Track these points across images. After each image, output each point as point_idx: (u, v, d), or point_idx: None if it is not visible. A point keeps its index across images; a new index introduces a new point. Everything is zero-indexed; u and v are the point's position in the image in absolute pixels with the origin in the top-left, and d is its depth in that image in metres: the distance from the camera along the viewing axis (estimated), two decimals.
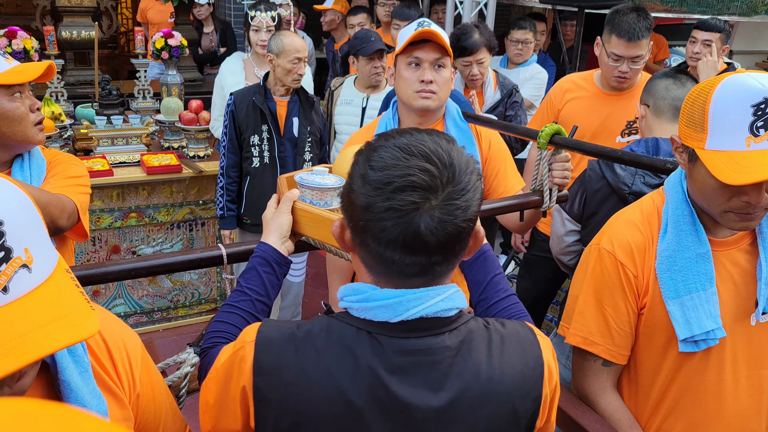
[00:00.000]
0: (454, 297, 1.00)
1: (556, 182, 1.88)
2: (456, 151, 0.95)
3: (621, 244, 1.41)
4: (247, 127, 3.05)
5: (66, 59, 4.73)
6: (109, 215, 3.56)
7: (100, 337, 0.99)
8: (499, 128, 2.07)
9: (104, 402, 0.91)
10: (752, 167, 1.16)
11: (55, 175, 1.80)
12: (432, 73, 1.95)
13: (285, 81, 3.01)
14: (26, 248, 0.74)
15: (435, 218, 0.90)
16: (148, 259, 1.53)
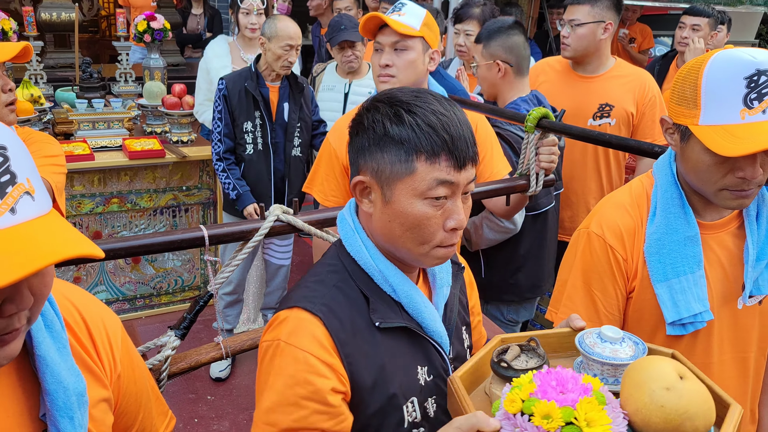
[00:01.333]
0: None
1: (543, 166, 1.87)
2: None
3: (610, 227, 1.40)
4: (240, 114, 3.00)
5: (45, 41, 4.65)
6: (90, 200, 3.50)
7: (80, 317, 0.96)
8: (486, 112, 2.05)
9: (83, 380, 0.88)
10: (747, 138, 1.15)
11: (33, 153, 1.75)
12: (390, 57, 1.94)
13: (274, 66, 2.96)
14: (27, 178, 0.74)
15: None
16: (127, 240, 1.50)
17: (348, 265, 1.11)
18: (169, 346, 1.59)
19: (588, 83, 2.69)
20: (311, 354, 1.00)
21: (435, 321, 1.12)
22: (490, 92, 2.46)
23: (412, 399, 1.09)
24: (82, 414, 0.86)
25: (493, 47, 2.37)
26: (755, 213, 1.38)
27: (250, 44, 3.40)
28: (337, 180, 2.17)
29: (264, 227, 1.58)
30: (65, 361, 0.87)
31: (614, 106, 2.62)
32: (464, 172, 1.02)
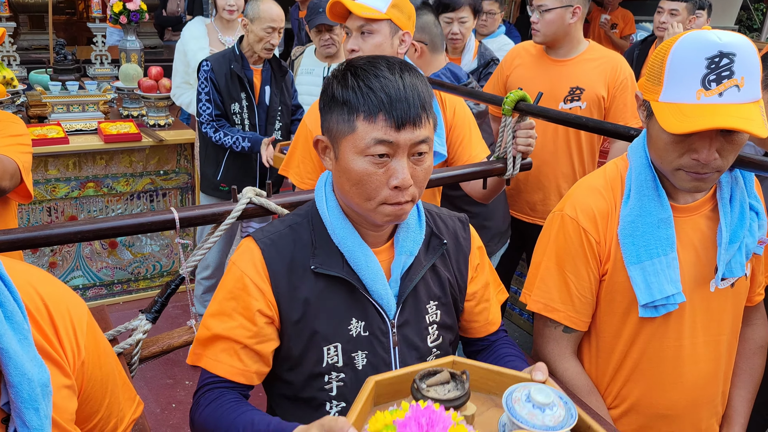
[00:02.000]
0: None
1: (520, 149, 1.85)
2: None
3: (584, 210, 1.40)
4: (227, 95, 2.97)
5: (19, 23, 4.55)
6: (65, 185, 3.44)
7: (43, 304, 0.94)
8: (464, 95, 2.03)
9: (46, 370, 0.86)
10: (694, 117, 1.14)
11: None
12: (357, 41, 1.92)
13: (256, 48, 2.92)
14: None
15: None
16: (96, 222, 1.46)
17: (312, 213, 1.23)
18: (140, 330, 1.57)
19: (559, 67, 2.68)
20: (247, 275, 1.16)
21: (377, 281, 1.18)
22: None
23: (336, 344, 1.18)
24: (47, 404, 0.84)
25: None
26: (728, 196, 1.38)
27: (228, 26, 3.35)
28: (314, 163, 2.15)
29: (236, 210, 1.55)
30: (27, 353, 0.85)
31: (585, 89, 2.61)
32: (404, 132, 1.06)
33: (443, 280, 1.28)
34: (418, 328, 1.24)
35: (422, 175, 1.12)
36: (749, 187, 1.40)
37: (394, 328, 1.20)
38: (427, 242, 1.26)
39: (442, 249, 1.27)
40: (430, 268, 1.26)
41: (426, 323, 1.25)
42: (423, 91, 1.10)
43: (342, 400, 1.20)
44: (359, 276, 1.18)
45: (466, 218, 1.38)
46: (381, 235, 1.23)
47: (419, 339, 1.23)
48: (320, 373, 1.18)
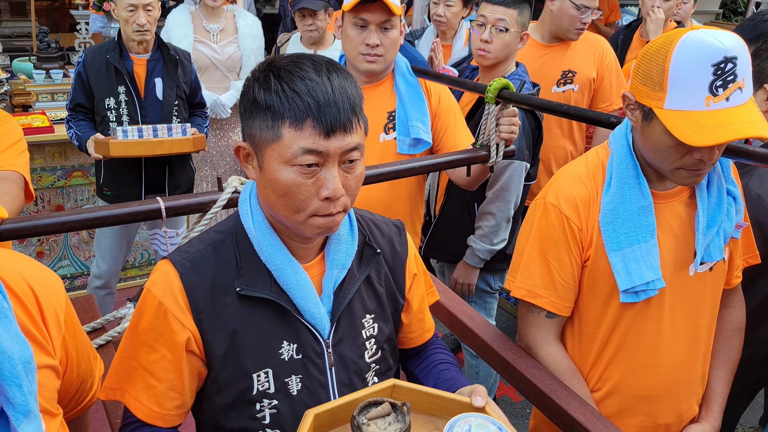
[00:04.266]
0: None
1: (503, 137, 1.88)
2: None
3: (566, 197, 1.42)
4: (101, 90, 2.71)
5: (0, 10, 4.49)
6: (50, 174, 3.43)
7: (27, 286, 0.95)
8: (448, 83, 2.05)
9: (28, 347, 0.88)
10: (714, 128, 1.17)
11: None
12: (378, 36, 1.92)
13: (127, 33, 2.70)
14: None
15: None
16: (82, 213, 1.47)
17: (236, 229, 1.12)
18: (128, 318, 1.58)
19: (551, 50, 2.73)
20: (165, 305, 1.06)
21: (308, 300, 1.09)
22: (502, 58, 2.35)
23: (267, 370, 1.09)
24: (30, 381, 0.86)
25: (525, 17, 2.35)
26: (706, 182, 1.41)
27: (212, 13, 3.33)
28: None
29: (222, 199, 1.56)
30: (8, 331, 0.86)
31: (576, 72, 2.67)
32: (334, 139, 0.97)
33: (378, 292, 1.20)
34: (355, 344, 1.16)
35: (354, 184, 1.04)
36: (726, 173, 1.44)
37: (329, 348, 1.12)
38: (360, 253, 1.18)
39: (376, 259, 1.19)
40: (365, 280, 1.18)
41: (362, 338, 1.17)
42: (353, 94, 1.01)
43: (277, 428, 1.11)
44: (289, 295, 1.09)
45: (402, 224, 1.30)
46: (311, 248, 1.14)
47: (357, 356, 1.16)
48: (251, 401, 1.10)
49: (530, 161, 2.37)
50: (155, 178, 2.86)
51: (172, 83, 2.80)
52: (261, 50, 3.47)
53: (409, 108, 2.02)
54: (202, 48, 3.30)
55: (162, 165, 2.85)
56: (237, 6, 3.53)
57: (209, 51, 3.32)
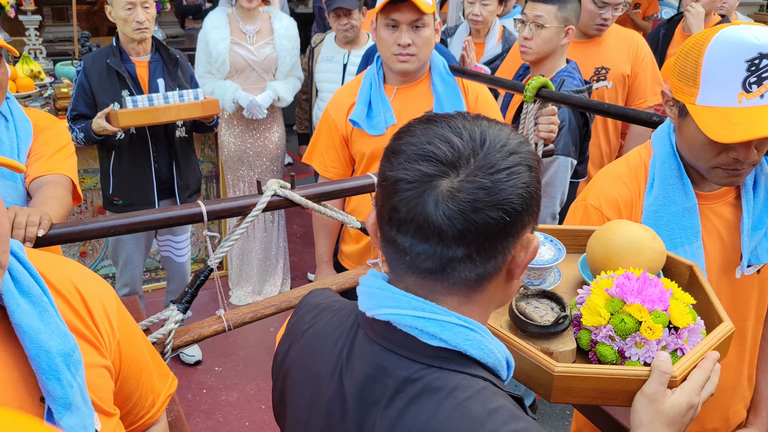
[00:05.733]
0: (449, 327, 0.77)
1: (542, 136, 1.86)
2: (496, 130, 0.78)
3: (607, 199, 1.40)
4: (104, 95, 2.67)
5: (44, 15, 4.60)
6: (93, 176, 3.51)
7: (76, 291, 0.99)
8: (485, 82, 2.04)
9: (69, 340, 0.90)
10: (743, 125, 1.14)
11: (46, 144, 1.76)
12: (410, 35, 1.93)
13: (126, 33, 2.67)
14: None
15: (455, 198, 0.72)
16: (127, 217, 1.51)
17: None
18: (171, 320, 1.61)
19: (584, 47, 2.69)
20: None
21: None
22: (544, 55, 2.38)
23: None
24: (72, 374, 0.88)
25: (569, 12, 2.34)
26: (752, 182, 1.37)
27: (248, 15, 3.36)
28: (337, 151, 2.17)
29: (261, 202, 1.58)
30: (47, 325, 0.89)
31: (610, 68, 2.64)
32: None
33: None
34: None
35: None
36: None
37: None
38: None
39: None
40: None
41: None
42: None
43: None
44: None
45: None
46: None
47: None
48: None
49: (577, 158, 2.34)
50: (165, 180, 2.88)
51: (173, 83, 2.82)
52: (296, 51, 3.49)
53: (446, 107, 2.02)
54: (239, 50, 3.34)
55: (170, 166, 2.87)
56: (272, 7, 3.55)
57: (245, 52, 3.35)
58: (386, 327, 0.80)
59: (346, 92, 2.15)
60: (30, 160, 1.75)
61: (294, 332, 0.95)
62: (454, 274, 0.76)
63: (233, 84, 3.37)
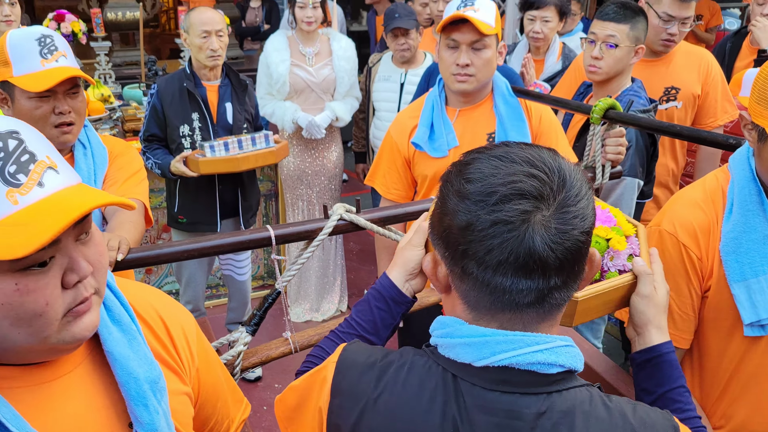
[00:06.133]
0: (560, 352, 0.81)
1: (609, 158, 1.82)
2: (561, 158, 0.82)
3: (683, 225, 1.36)
4: (175, 117, 2.79)
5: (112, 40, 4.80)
6: (158, 195, 3.62)
7: (159, 318, 1.02)
8: (550, 103, 2.01)
9: (156, 368, 0.93)
10: None
11: (120, 169, 1.83)
12: (469, 56, 1.93)
13: (201, 60, 2.78)
14: (47, 155, 0.80)
15: (551, 230, 0.76)
16: (199, 242, 1.55)
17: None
18: (241, 342, 1.64)
19: (652, 66, 2.62)
20: None
21: None
22: (613, 74, 2.35)
23: None
24: (157, 400, 0.91)
25: (639, 30, 2.31)
26: None
27: (308, 38, 3.43)
28: (399, 173, 2.18)
29: (327, 226, 1.60)
30: (136, 352, 0.92)
31: (680, 88, 2.55)
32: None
33: None
34: None
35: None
36: None
37: None
38: None
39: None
40: None
41: None
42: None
43: None
44: None
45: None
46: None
47: None
48: None
49: (643, 178, 2.30)
50: (229, 201, 2.96)
51: (240, 107, 2.90)
52: (354, 71, 3.54)
53: (509, 129, 2.00)
54: (298, 71, 3.40)
55: (234, 188, 2.94)
56: (331, 29, 3.61)
57: (305, 74, 3.41)
58: (505, 371, 0.81)
59: (409, 114, 2.16)
60: (105, 185, 1.82)
61: (359, 398, 0.89)
62: (550, 302, 0.80)
63: (293, 105, 3.43)
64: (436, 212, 0.85)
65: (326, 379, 0.93)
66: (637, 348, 1.11)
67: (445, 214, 0.81)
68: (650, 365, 1.09)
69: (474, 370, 0.82)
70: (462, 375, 0.83)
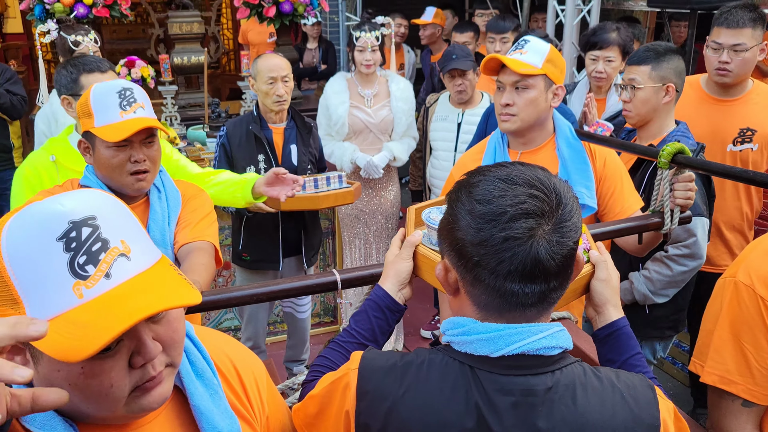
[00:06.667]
0: (558, 336, 0.98)
1: (678, 203, 1.79)
2: (553, 177, 0.98)
3: (760, 276, 1.32)
4: (242, 158, 2.88)
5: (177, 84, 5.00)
6: (221, 233, 3.71)
7: (232, 366, 1.04)
8: (616, 147, 2.00)
9: (236, 421, 0.95)
10: None
11: (193, 212, 1.90)
12: (511, 96, 1.96)
13: (267, 104, 2.86)
14: (122, 240, 0.78)
15: (552, 242, 0.92)
16: (268, 286, 1.59)
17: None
18: None
19: (727, 107, 2.55)
20: None
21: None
22: (646, 116, 2.35)
23: None
24: None
25: (665, 70, 2.30)
26: None
27: (367, 80, 3.50)
28: None
29: None
30: (218, 406, 0.94)
31: (756, 130, 2.47)
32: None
33: None
34: None
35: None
36: None
37: None
38: None
39: None
40: None
41: None
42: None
43: None
44: None
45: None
46: None
47: None
48: None
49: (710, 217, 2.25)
50: (292, 239, 3.00)
51: (305, 149, 2.97)
52: (412, 112, 3.59)
53: (572, 172, 1.99)
54: (357, 113, 3.47)
55: (297, 227, 2.99)
56: (389, 71, 3.68)
57: (363, 115, 3.48)
58: (518, 358, 0.96)
59: (472, 157, 2.17)
60: (178, 228, 1.88)
61: (386, 397, 1.00)
62: (549, 301, 0.98)
63: (351, 145, 3.50)
64: (447, 227, 0.99)
65: (349, 385, 1.03)
66: (598, 325, 1.24)
67: (458, 230, 0.96)
68: (611, 339, 1.22)
69: (491, 360, 0.96)
70: (479, 366, 0.97)
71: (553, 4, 4.69)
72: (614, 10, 7.03)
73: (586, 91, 3.23)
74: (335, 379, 1.07)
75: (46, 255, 0.73)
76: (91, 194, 0.81)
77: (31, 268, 0.73)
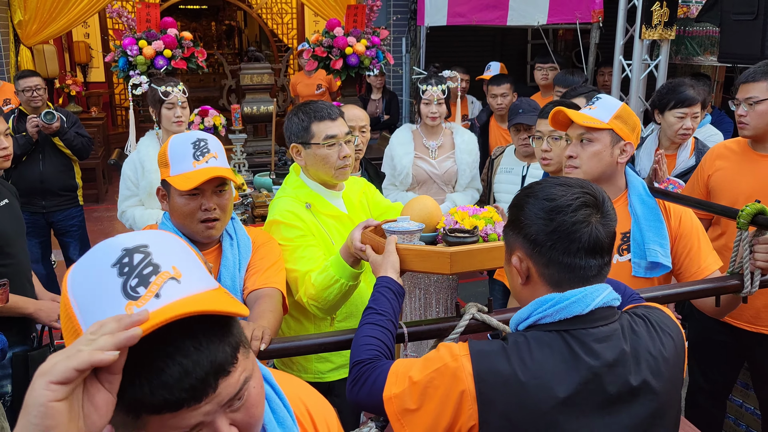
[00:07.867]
0: (613, 292, 1.24)
1: (758, 265, 1.72)
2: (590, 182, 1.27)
3: None
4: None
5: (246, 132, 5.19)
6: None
7: (306, 411, 1.05)
8: (692, 206, 1.95)
9: None
10: None
11: (263, 259, 1.94)
12: (576, 148, 2.00)
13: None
14: (174, 266, 0.80)
15: (605, 225, 1.20)
16: (336, 335, 1.61)
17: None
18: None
19: None
20: None
21: None
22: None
23: None
24: None
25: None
26: None
27: (432, 132, 3.54)
28: None
29: (459, 326, 1.60)
30: None
31: None
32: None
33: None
34: None
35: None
36: None
37: None
38: None
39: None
40: None
41: None
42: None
43: None
44: None
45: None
46: None
47: None
48: None
49: None
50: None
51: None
52: (476, 164, 3.60)
53: (645, 230, 1.94)
54: (421, 164, 3.50)
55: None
56: (455, 123, 3.72)
57: (428, 166, 3.51)
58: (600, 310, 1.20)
59: None
60: (248, 274, 1.92)
61: (502, 376, 1.16)
62: (603, 274, 1.23)
63: (414, 195, 3.52)
64: (518, 226, 1.24)
65: (463, 368, 1.18)
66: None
67: (531, 225, 1.21)
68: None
69: (582, 318, 1.18)
70: (573, 327, 1.18)
71: (620, 59, 4.67)
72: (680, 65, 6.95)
73: (654, 147, 3.18)
74: (441, 366, 1.20)
75: (102, 282, 0.76)
76: (149, 230, 0.84)
77: (90, 298, 0.76)
